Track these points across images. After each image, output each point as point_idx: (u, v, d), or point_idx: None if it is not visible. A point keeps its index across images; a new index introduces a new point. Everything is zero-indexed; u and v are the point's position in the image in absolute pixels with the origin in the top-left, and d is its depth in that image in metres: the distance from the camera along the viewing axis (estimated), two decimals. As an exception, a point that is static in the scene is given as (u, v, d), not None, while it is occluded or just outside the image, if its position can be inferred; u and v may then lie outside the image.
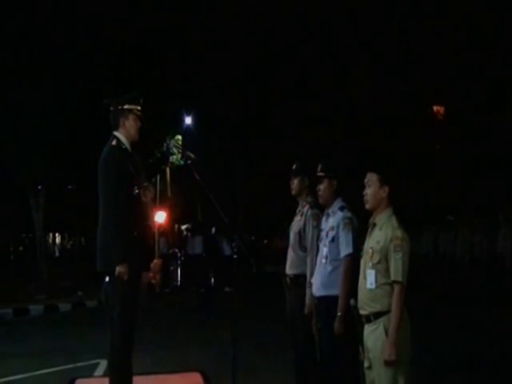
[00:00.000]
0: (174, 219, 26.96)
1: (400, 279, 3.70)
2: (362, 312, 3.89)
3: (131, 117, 4.72)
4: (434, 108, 26.11)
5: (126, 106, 4.73)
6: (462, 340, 8.59)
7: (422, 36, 22.93)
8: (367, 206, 3.98)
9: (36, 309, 13.16)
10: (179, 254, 18.67)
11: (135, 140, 4.81)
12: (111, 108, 4.77)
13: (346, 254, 4.47)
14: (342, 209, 4.63)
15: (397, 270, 3.71)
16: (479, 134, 22.06)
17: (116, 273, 4.38)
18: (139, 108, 4.77)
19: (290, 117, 25.74)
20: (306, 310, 4.80)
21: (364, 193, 3.98)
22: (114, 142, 4.67)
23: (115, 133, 4.72)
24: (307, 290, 4.81)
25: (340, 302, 4.37)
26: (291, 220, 5.35)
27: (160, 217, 7.15)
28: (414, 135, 23.87)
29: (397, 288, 3.70)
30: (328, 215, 4.70)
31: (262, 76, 25.56)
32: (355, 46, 23.59)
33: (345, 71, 24.19)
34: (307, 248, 4.97)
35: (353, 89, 23.91)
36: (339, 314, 4.36)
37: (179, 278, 18.46)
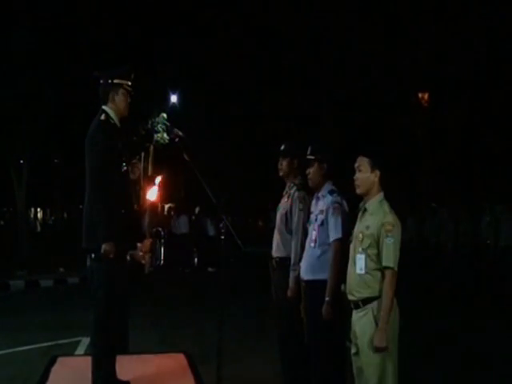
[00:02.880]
0: (158, 198, 26.88)
1: (391, 265, 3.67)
2: (350, 298, 3.85)
3: (121, 92, 4.60)
4: (419, 95, 26.11)
5: (116, 81, 4.60)
6: (449, 327, 8.66)
7: (407, 21, 22.90)
8: (358, 191, 3.93)
9: (17, 284, 13.08)
10: (163, 233, 18.61)
11: (124, 116, 4.70)
12: (101, 81, 4.64)
13: (335, 238, 4.42)
14: (331, 192, 4.57)
15: (388, 255, 3.68)
16: (464, 122, 22.17)
17: (101, 251, 4.30)
18: (129, 83, 4.65)
19: (276, 100, 25.65)
20: (290, 293, 4.76)
21: (355, 177, 3.92)
22: (102, 117, 4.55)
23: (104, 107, 4.60)
24: (291, 273, 4.77)
25: (328, 286, 4.34)
26: (276, 201, 5.30)
27: (152, 194, 6.96)
28: (398, 121, 23.92)
29: (388, 274, 3.67)
30: (318, 199, 4.65)
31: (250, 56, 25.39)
32: (342, 31, 23.47)
33: (331, 57, 24.10)
34: (293, 231, 4.92)
35: (340, 74, 23.84)
36: (327, 298, 4.33)
37: (162, 257, 18.44)
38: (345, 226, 4.42)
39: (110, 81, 4.59)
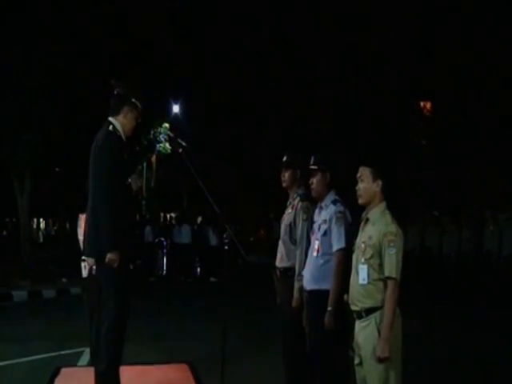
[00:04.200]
0: (161, 207, 26.91)
1: (394, 275, 3.67)
2: (353, 308, 3.86)
3: (134, 112, 4.60)
4: (421, 103, 26.17)
5: (133, 99, 4.60)
6: (452, 337, 8.64)
7: (409, 31, 23.01)
8: (360, 201, 3.94)
9: (19, 295, 13.05)
10: (165, 243, 18.60)
11: (128, 135, 4.69)
12: (116, 91, 4.62)
13: (338, 248, 4.43)
14: (334, 202, 4.59)
15: (391, 265, 3.68)
16: (466, 130, 22.21)
17: (106, 260, 4.31)
18: (140, 109, 4.65)
19: (277, 109, 25.70)
20: (294, 303, 4.77)
21: (357, 187, 3.94)
22: (110, 128, 4.55)
23: (111, 119, 4.59)
24: (296, 283, 4.79)
25: (331, 296, 4.35)
26: (278, 211, 5.31)
27: None
28: (400, 130, 23.96)
29: (391, 284, 3.68)
30: (321, 208, 4.66)
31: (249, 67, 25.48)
32: (343, 41, 23.58)
33: (331, 66, 24.17)
34: (297, 241, 4.93)
35: (340, 84, 23.91)
36: (329, 308, 4.33)
37: (165, 267, 18.41)
38: (348, 235, 4.43)
39: (128, 95, 4.58)
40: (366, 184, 3.89)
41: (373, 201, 3.89)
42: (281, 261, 5.08)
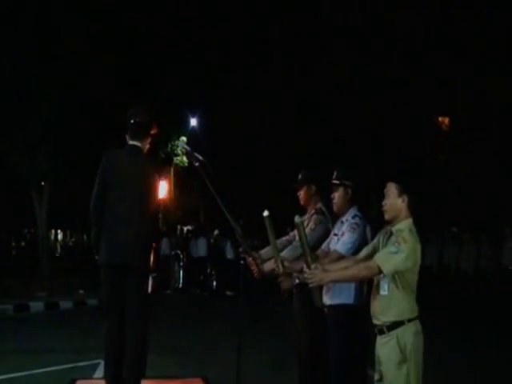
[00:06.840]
0: (178, 220, 26.98)
1: (382, 267, 3.61)
2: (374, 322, 3.81)
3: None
4: (439, 119, 26.13)
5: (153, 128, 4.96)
6: (470, 357, 8.52)
7: (427, 46, 23.05)
8: (386, 217, 3.87)
9: (36, 305, 13.13)
10: (181, 256, 18.62)
11: None
12: (137, 119, 4.82)
13: (337, 250, 4.34)
14: (354, 217, 4.54)
15: (385, 258, 3.63)
16: (483, 145, 22.13)
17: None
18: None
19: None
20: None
21: (383, 203, 3.88)
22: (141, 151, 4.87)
23: (138, 143, 4.82)
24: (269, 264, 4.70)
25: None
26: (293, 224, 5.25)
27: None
28: (418, 146, 23.91)
29: (373, 266, 3.65)
30: (342, 223, 4.62)
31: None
32: (362, 56, 23.64)
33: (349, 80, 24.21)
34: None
35: (357, 98, 23.93)
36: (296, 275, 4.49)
37: (181, 280, 18.41)
38: (355, 247, 4.34)
39: (151, 125, 4.93)
40: (392, 199, 3.82)
41: (398, 216, 3.81)
42: (296, 276, 5.01)
